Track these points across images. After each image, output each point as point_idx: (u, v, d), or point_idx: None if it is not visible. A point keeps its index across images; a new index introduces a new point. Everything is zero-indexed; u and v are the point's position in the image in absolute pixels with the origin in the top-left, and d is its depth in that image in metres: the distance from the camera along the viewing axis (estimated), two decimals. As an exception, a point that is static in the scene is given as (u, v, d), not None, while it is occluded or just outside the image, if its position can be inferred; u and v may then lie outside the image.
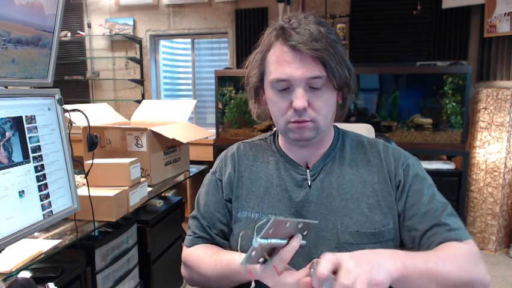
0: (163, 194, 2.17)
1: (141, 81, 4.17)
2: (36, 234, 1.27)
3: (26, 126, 0.90)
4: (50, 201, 0.96)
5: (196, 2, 3.84)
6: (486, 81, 3.21)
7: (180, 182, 2.21)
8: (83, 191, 1.29)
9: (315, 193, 0.85)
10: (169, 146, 2.02)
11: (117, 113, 2.27)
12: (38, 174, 0.92)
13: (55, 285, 0.92)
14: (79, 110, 1.14)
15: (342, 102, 0.87)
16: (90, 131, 1.27)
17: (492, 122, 2.92)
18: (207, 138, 2.80)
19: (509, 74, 3.09)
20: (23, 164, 0.89)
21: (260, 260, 0.64)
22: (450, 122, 2.93)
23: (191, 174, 2.26)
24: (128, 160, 1.54)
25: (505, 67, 3.10)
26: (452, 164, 2.95)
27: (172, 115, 2.18)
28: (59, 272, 1.24)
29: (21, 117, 0.89)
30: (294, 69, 0.76)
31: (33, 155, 0.91)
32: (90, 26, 4.18)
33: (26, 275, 1.13)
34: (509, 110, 2.82)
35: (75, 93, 4.28)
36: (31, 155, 0.91)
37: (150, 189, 1.78)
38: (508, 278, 2.59)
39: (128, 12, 4.09)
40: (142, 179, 1.65)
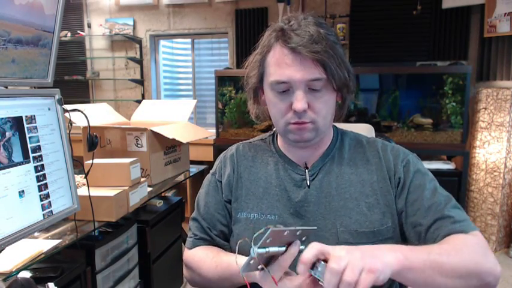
0: (163, 194, 2.17)
1: (141, 81, 4.17)
2: (36, 234, 1.27)
3: (26, 126, 0.90)
4: (50, 201, 0.96)
5: (196, 2, 3.84)
6: (486, 81, 3.21)
7: (180, 182, 2.21)
8: (83, 191, 1.29)
9: (314, 193, 0.85)
10: (169, 146, 2.02)
11: (117, 113, 2.27)
12: (38, 174, 0.92)
13: (55, 285, 0.92)
14: (79, 110, 1.14)
15: (341, 103, 0.87)
16: (90, 131, 1.27)
17: (492, 122, 2.92)
18: (207, 138, 2.80)
19: (509, 74, 3.09)
20: (23, 164, 0.89)
21: (259, 267, 0.64)
22: (450, 122, 2.93)
23: (191, 174, 2.26)
24: (128, 160, 1.54)
25: (505, 67, 3.10)
26: (452, 164, 2.95)
27: (172, 115, 2.18)
28: (59, 272, 1.24)
29: (21, 117, 0.89)
30: (294, 71, 0.76)
31: (33, 155, 0.92)
32: (90, 26, 4.18)
33: (26, 275, 1.13)
34: (509, 110, 2.82)
35: (75, 93, 4.28)
36: (31, 155, 0.91)
37: (150, 189, 1.78)
38: (508, 278, 2.59)
39: (128, 12, 4.09)
40: (142, 179, 1.65)
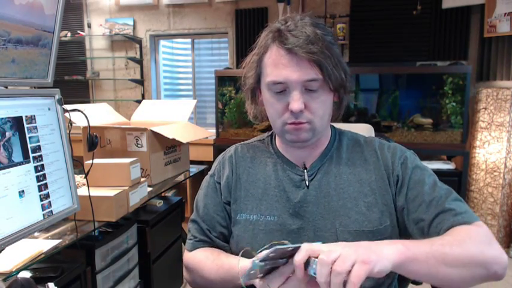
0: (163, 194, 2.17)
1: (141, 81, 4.17)
2: (36, 234, 1.27)
3: (26, 126, 0.90)
4: (50, 201, 0.96)
5: (196, 2, 3.84)
6: (486, 81, 3.21)
7: (180, 182, 2.20)
8: (83, 191, 1.29)
9: (313, 193, 0.85)
10: (169, 146, 2.02)
11: (117, 113, 2.27)
12: (38, 174, 0.92)
13: (55, 285, 0.92)
14: (79, 110, 1.14)
15: (338, 103, 0.87)
16: (90, 131, 1.27)
17: (492, 122, 2.92)
18: (207, 138, 2.80)
19: (509, 74, 3.09)
20: (23, 164, 0.89)
21: (259, 275, 0.66)
22: (450, 122, 2.93)
23: (191, 174, 2.26)
24: (128, 160, 1.54)
25: (505, 67, 3.10)
26: (452, 164, 2.95)
27: (172, 115, 2.18)
28: (59, 272, 1.24)
29: (21, 117, 0.89)
30: (290, 72, 0.77)
31: (33, 155, 0.91)
32: (90, 26, 4.18)
33: (26, 275, 1.13)
34: (509, 110, 2.82)
35: (75, 93, 4.28)
36: (31, 155, 0.91)
37: (150, 189, 1.77)
38: (508, 278, 2.59)
39: (128, 12, 4.09)
40: (142, 179, 1.65)
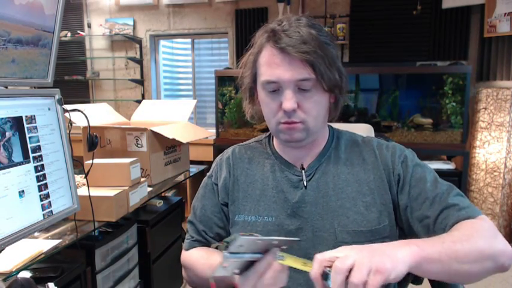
0: (163, 194, 2.17)
1: (141, 81, 4.17)
2: (36, 234, 1.27)
3: (26, 126, 0.90)
4: (50, 201, 0.96)
5: (196, 2, 3.84)
6: (486, 81, 3.21)
7: (180, 182, 2.21)
8: (83, 191, 1.29)
9: (311, 193, 0.85)
10: (169, 146, 2.02)
11: (117, 113, 2.27)
12: (38, 174, 0.92)
13: (55, 285, 0.92)
14: (79, 110, 1.14)
15: (334, 104, 0.87)
16: (90, 131, 1.27)
17: (492, 122, 2.92)
18: (207, 138, 2.80)
19: (509, 74, 3.09)
20: (23, 164, 0.89)
21: (235, 271, 0.64)
22: (450, 122, 2.93)
23: (191, 174, 2.26)
24: (128, 160, 1.54)
25: (505, 67, 3.10)
26: (452, 164, 2.95)
27: (172, 115, 2.18)
28: (59, 272, 1.24)
29: (21, 117, 0.89)
30: (282, 71, 0.77)
31: (33, 155, 0.92)
32: (90, 26, 4.18)
33: (26, 275, 1.13)
34: (509, 110, 2.82)
35: (75, 93, 4.28)
36: (31, 155, 0.91)
37: (150, 189, 1.78)
38: (508, 278, 2.59)
39: (128, 12, 4.09)
40: (142, 179, 1.65)
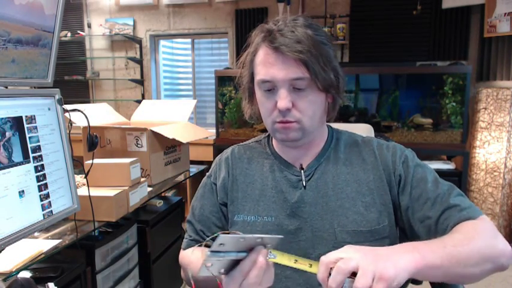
0: (163, 194, 2.17)
1: (141, 81, 4.17)
2: (36, 234, 1.27)
3: (26, 126, 0.90)
4: (50, 201, 0.96)
5: (196, 2, 3.84)
6: (486, 81, 3.21)
7: (180, 182, 2.20)
8: (83, 191, 1.29)
9: (310, 193, 0.85)
10: (169, 146, 2.02)
11: (117, 113, 2.27)
12: (38, 174, 0.92)
13: (55, 285, 0.92)
14: (79, 110, 1.14)
15: (332, 104, 0.87)
16: (90, 131, 1.27)
17: (492, 122, 2.92)
18: (207, 138, 2.80)
19: (509, 74, 3.09)
20: (23, 164, 0.89)
21: (221, 271, 0.62)
22: (450, 122, 2.93)
23: (191, 174, 2.26)
24: (128, 160, 1.54)
25: (505, 67, 3.10)
26: (452, 164, 2.95)
27: (172, 115, 2.18)
28: (59, 272, 1.25)
29: (21, 117, 0.89)
30: (276, 70, 0.78)
31: (33, 155, 0.91)
32: (90, 26, 4.18)
33: (26, 275, 1.13)
34: (509, 110, 2.82)
35: (75, 93, 4.28)
36: (31, 155, 0.91)
37: (150, 189, 1.77)
38: (508, 278, 2.59)
39: (128, 12, 4.09)
40: (142, 179, 1.65)
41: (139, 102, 3.06)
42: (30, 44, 0.93)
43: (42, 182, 0.94)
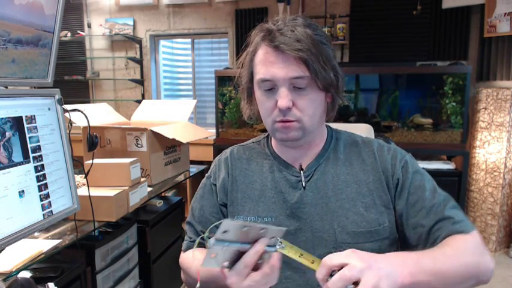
0: (163, 194, 2.17)
1: (141, 81, 4.17)
2: (36, 234, 1.27)
3: (26, 126, 0.90)
4: (50, 201, 0.96)
5: (196, 2, 3.84)
6: (486, 81, 3.21)
7: (180, 182, 2.21)
8: (83, 191, 1.29)
9: (310, 194, 0.85)
10: (169, 146, 2.02)
11: (117, 113, 2.27)
12: (38, 174, 0.92)
13: (55, 285, 0.92)
14: (79, 110, 1.14)
15: (331, 104, 0.87)
16: (90, 131, 1.27)
17: (492, 122, 2.92)
18: (207, 138, 2.80)
19: (509, 74, 3.09)
20: (23, 164, 0.89)
21: (225, 264, 0.62)
22: (450, 122, 2.93)
23: (191, 174, 2.26)
24: (128, 160, 1.54)
25: (505, 67, 3.10)
26: (452, 164, 2.95)
27: (172, 115, 2.18)
28: (59, 272, 1.25)
29: (21, 117, 0.89)
30: (277, 69, 0.77)
31: (33, 155, 0.92)
32: (90, 26, 4.18)
33: (26, 275, 1.13)
34: (509, 110, 2.82)
35: (75, 93, 4.28)
36: (31, 155, 0.91)
37: (150, 189, 1.78)
38: (508, 278, 2.59)
39: (128, 12, 4.09)
40: (142, 179, 1.65)
41: (139, 102, 3.06)
42: (30, 44, 0.93)
43: (42, 182, 0.94)
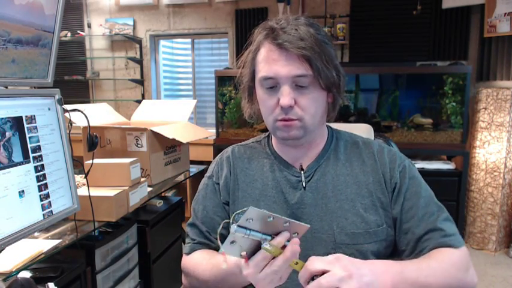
0: (163, 194, 2.17)
1: (141, 81, 4.17)
2: (36, 234, 1.27)
3: (26, 126, 0.90)
4: (50, 201, 0.96)
5: (196, 2, 3.84)
6: (486, 81, 3.21)
7: (180, 182, 2.21)
8: (83, 191, 1.29)
9: (310, 195, 0.85)
10: (169, 146, 2.02)
11: (117, 113, 2.27)
12: (38, 174, 0.92)
13: (55, 285, 0.92)
14: (79, 110, 1.14)
15: (332, 104, 0.87)
16: (90, 131, 1.27)
17: (492, 122, 2.92)
18: (207, 138, 2.80)
19: (509, 74, 3.09)
20: (23, 164, 0.89)
21: (242, 253, 0.62)
22: (450, 122, 2.93)
23: (191, 174, 2.26)
24: (128, 160, 1.54)
25: (505, 67, 3.10)
26: (452, 164, 2.95)
27: (172, 115, 2.18)
28: (59, 272, 1.24)
29: (21, 117, 0.89)
30: (280, 67, 0.77)
31: (33, 155, 0.92)
32: (90, 26, 4.18)
33: (26, 275, 1.13)
34: (509, 110, 2.82)
35: (75, 93, 4.28)
36: (31, 155, 0.91)
37: (150, 189, 1.78)
38: (508, 278, 2.59)
39: (128, 12, 4.09)
40: (142, 179, 1.65)
41: (139, 102, 3.06)
42: (30, 44, 0.93)
43: (42, 182, 0.94)
